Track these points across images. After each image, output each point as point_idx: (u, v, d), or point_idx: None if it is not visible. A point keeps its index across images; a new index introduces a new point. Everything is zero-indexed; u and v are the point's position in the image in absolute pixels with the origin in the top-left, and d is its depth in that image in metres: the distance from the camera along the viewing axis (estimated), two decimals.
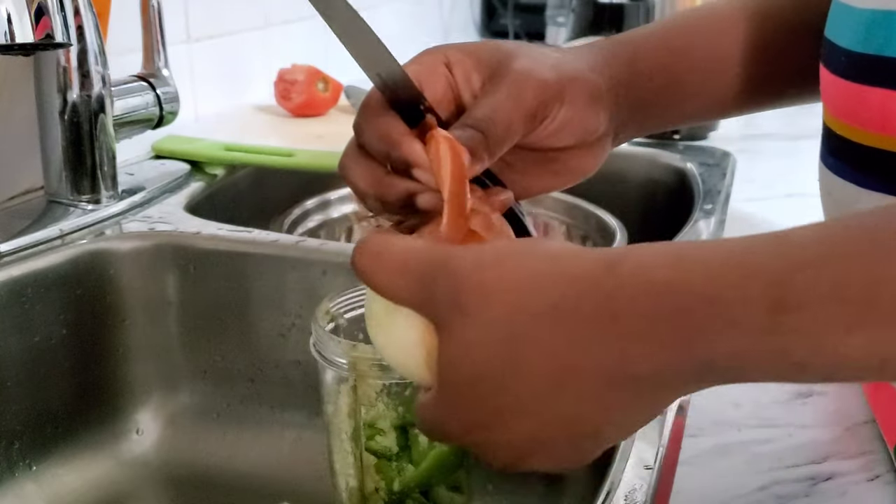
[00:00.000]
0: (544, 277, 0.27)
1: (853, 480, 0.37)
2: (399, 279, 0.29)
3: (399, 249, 0.30)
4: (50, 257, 0.55)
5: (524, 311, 0.27)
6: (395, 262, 0.29)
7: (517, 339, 0.27)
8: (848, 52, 0.34)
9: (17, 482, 0.53)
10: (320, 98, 0.86)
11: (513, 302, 0.27)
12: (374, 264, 0.29)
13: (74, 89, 0.58)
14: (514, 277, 0.27)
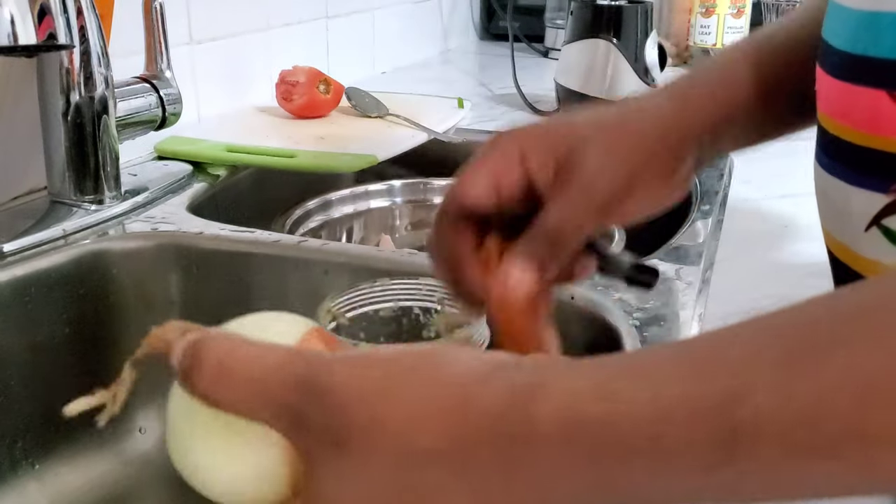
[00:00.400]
0: (435, 413, 0.23)
1: None
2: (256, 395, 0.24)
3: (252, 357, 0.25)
4: (53, 257, 0.55)
5: (411, 453, 0.23)
6: (247, 373, 0.25)
7: (406, 487, 0.23)
8: (840, 53, 0.35)
9: (20, 481, 0.53)
10: (322, 99, 0.87)
11: (398, 441, 0.23)
12: (221, 375, 0.25)
13: (77, 91, 0.58)
14: (406, 413, 0.23)
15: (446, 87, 1.14)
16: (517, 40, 1.15)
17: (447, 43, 1.45)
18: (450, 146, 0.82)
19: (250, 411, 0.25)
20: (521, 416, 0.22)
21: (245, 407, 0.25)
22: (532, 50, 1.37)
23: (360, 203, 0.78)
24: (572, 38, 0.96)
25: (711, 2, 1.24)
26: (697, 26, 1.26)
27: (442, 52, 1.42)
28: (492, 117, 0.97)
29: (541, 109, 0.99)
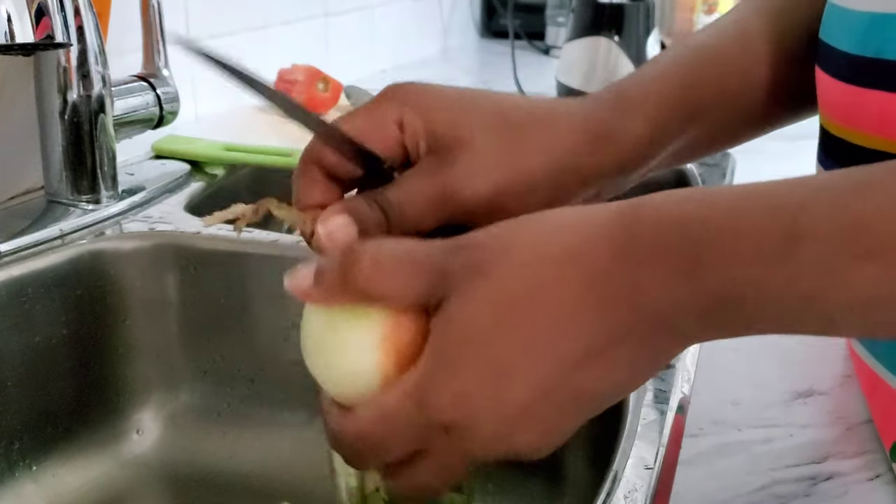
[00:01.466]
0: (560, 227, 0.28)
1: (853, 480, 0.37)
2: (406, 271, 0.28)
3: (397, 244, 0.29)
4: (50, 257, 0.55)
5: (542, 260, 0.27)
6: (399, 254, 0.28)
7: (536, 291, 0.26)
8: (846, 55, 0.34)
9: (18, 482, 0.53)
10: (320, 98, 0.86)
11: (531, 253, 0.27)
12: (376, 268, 0.28)
13: (74, 89, 0.58)
14: (531, 234, 0.28)
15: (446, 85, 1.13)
16: (518, 38, 1.14)
17: (447, 41, 1.44)
18: None
19: (402, 286, 0.28)
20: (631, 219, 0.27)
21: (398, 284, 0.28)
22: (533, 48, 1.37)
23: None
24: (573, 36, 0.96)
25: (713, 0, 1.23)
26: (699, 24, 1.25)
27: (442, 50, 1.42)
28: None
29: None
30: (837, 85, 0.35)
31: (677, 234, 0.26)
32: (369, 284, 0.28)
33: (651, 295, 0.26)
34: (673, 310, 0.26)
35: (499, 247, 0.27)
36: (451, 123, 0.34)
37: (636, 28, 0.94)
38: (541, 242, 0.27)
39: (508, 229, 0.28)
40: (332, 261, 0.29)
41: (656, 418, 0.39)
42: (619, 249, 0.26)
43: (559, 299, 0.26)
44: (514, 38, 1.10)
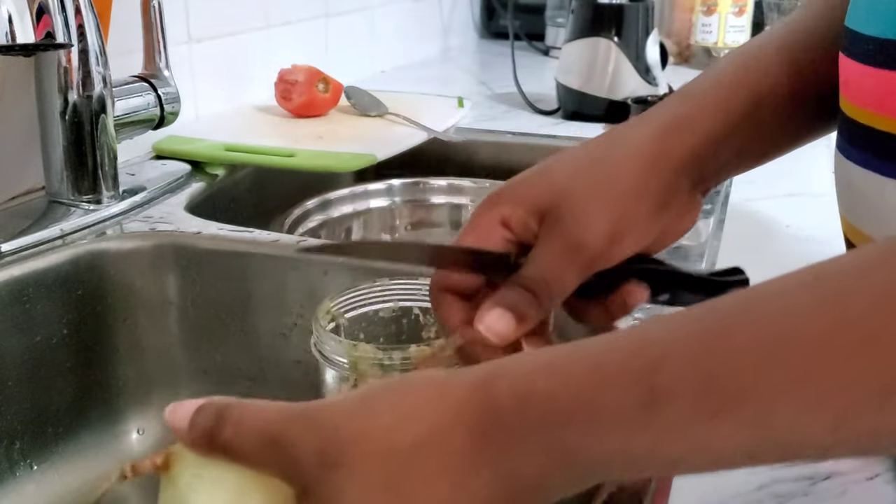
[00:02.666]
0: (413, 412, 0.26)
1: (852, 479, 0.37)
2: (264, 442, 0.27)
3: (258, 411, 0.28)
4: (51, 257, 0.55)
5: (396, 452, 0.26)
6: (259, 424, 0.28)
7: (395, 484, 0.26)
8: (877, 40, 0.34)
9: (18, 482, 0.53)
10: (321, 98, 0.86)
11: (384, 445, 0.26)
12: (239, 430, 0.28)
13: (75, 90, 0.58)
14: (384, 421, 0.26)
15: (446, 86, 1.13)
16: (518, 39, 1.15)
17: (447, 41, 1.44)
18: (450, 145, 0.82)
19: (261, 457, 0.28)
20: (484, 397, 0.26)
21: (256, 454, 0.28)
22: (533, 48, 1.37)
23: (360, 203, 0.78)
24: (573, 37, 0.96)
25: (713, 0, 1.23)
26: (699, 25, 1.26)
27: (442, 51, 1.42)
28: (492, 116, 0.97)
29: (541, 108, 0.99)
30: (868, 71, 0.35)
31: (532, 414, 0.25)
32: (230, 446, 0.28)
33: (517, 473, 0.26)
34: (541, 480, 0.26)
35: (351, 436, 0.26)
36: (547, 192, 0.37)
37: (635, 29, 0.94)
38: (394, 430, 0.26)
39: (363, 410, 0.27)
40: (206, 413, 0.29)
41: None
42: (476, 437, 0.26)
43: (417, 490, 0.26)
44: (514, 38, 1.11)
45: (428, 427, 0.26)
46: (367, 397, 0.28)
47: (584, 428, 0.25)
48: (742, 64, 0.41)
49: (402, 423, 0.26)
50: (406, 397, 0.27)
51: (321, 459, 0.26)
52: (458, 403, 0.26)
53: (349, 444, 0.26)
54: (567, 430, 0.25)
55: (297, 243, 0.58)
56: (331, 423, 0.27)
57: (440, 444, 0.26)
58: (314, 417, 0.27)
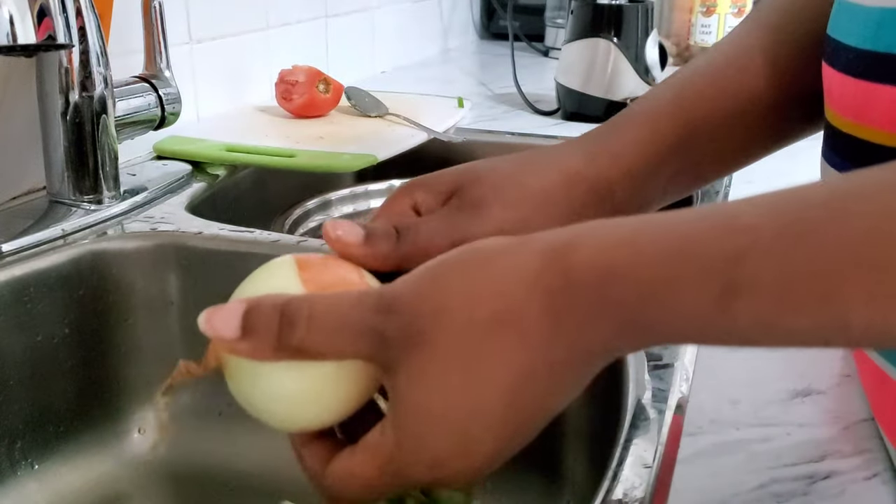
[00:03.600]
0: (488, 286, 0.27)
1: (851, 479, 0.37)
2: (344, 335, 0.28)
3: (330, 305, 0.28)
4: (52, 257, 0.55)
5: (474, 327, 0.27)
6: (334, 318, 0.28)
7: (474, 360, 0.27)
8: (856, 50, 0.34)
9: (20, 481, 0.53)
10: (321, 99, 0.86)
11: (462, 321, 0.27)
12: (311, 327, 0.28)
13: (76, 90, 0.58)
14: (460, 298, 0.27)
15: (446, 87, 1.13)
16: (517, 39, 1.15)
17: (447, 42, 1.45)
18: (450, 146, 0.82)
19: (342, 350, 0.28)
20: (561, 268, 0.26)
21: (337, 347, 0.28)
22: (532, 49, 1.37)
23: (360, 203, 0.78)
24: (573, 38, 0.96)
25: (712, 1, 1.23)
26: (698, 25, 1.26)
27: (442, 52, 1.42)
28: (492, 117, 0.97)
29: (541, 109, 0.99)
30: (848, 81, 0.35)
31: (611, 291, 0.26)
32: (304, 345, 0.28)
33: (590, 345, 0.27)
34: (612, 349, 0.27)
35: (430, 311, 0.27)
36: (458, 178, 0.38)
37: (635, 29, 0.94)
38: (471, 305, 0.27)
39: (437, 289, 0.28)
40: (265, 316, 0.29)
41: (655, 417, 0.39)
42: (552, 314, 0.26)
43: (499, 366, 0.27)
44: (514, 39, 1.11)
45: (504, 302, 0.27)
46: (438, 275, 0.28)
47: (662, 310, 0.25)
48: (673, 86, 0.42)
49: (478, 299, 0.27)
50: (479, 271, 0.27)
51: (404, 339, 0.27)
52: (533, 275, 0.27)
53: (429, 321, 0.27)
54: (644, 311, 0.25)
55: (297, 243, 0.58)
56: (408, 304, 0.27)
57: (516, 320, 0.26)
58: (390, 304, 0.28)
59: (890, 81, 0.33)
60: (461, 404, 0.27)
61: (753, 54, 0.41)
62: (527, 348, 0.26)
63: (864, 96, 0.34)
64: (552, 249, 0.27)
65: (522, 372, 0.27)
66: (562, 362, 0.27)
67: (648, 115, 0.41)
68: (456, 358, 0.27)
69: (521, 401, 0.27)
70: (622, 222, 0.27)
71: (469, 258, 0.28)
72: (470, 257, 0.28)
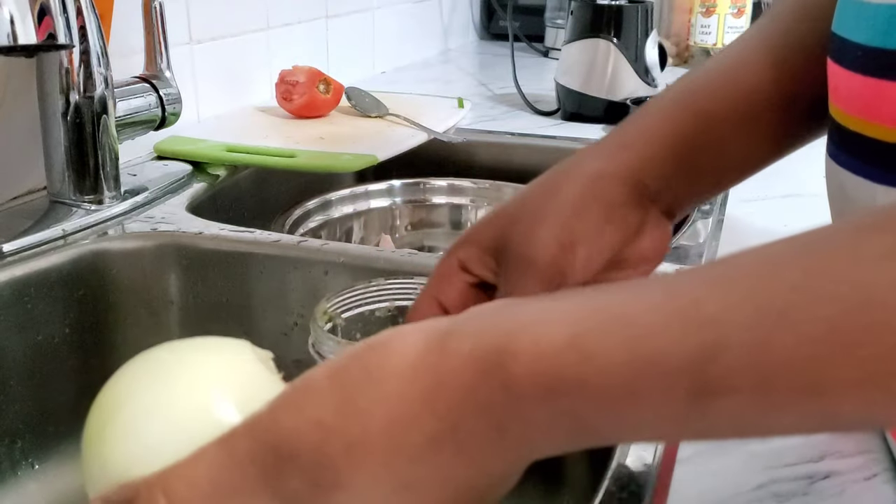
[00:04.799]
0: (411, 409, 0.23)
1: (851, 479, 0.37)
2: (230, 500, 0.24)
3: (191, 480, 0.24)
4: (53, 257, 0.55)
5: (401, 454, 0.23)
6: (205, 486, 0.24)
7: (403, 487, 0.23)
8: (864, 48, 0.34)
9: (20, 481, 0.53)
10: (321, 99, 0.86)
11: (386, 450, 0.23)
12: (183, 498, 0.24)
13: (77, 90, 0.58)
14: (379, 422, 0.23)
15: (446, 87, 1.14)
16: (517, 40, 1.15)
17: (447, 42, 1.45)
18: (450, 146, 0.82)
19: None
20: (498, 381, 0.23)
21: None
22: (532, 49, 1.37)
23: (360, 203, 0.78)
24: (572, 38, 0.96)
25: (712, 1, 1.24)
26: (698, 26, 1.26)
27: (442, 52, 1.42)
28: (492, 117, 0.97)
29: (541, 109, 0.99)
30: (855, 78, 0.35)
31: (561, 404, 0.23)
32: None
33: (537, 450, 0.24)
34: (561, 450, 0.24)
35: (341, 450, 0.23)
36: (497, 227, 0.36)
37: (635, 30, 0.94)
38: (395, 431, 0.23)
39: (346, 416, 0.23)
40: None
41: None
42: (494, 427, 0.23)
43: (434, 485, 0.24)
44: (514, 40, 1.11)
45: (434, 423, 0.23)
46: (345, 400, 0.24)
47: (622, 419, 0.23)
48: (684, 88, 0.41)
49: (403, 423, 0.23)
50: (399, 393, 0.24)
51: (312, 483, 0.23)
52: (466, 390, 0.23)
53: (344, 460, 0.23)
54: (601, 421, 0.23)
55: (297, 244, 0.58)
56: (307, 444, 0.23)
57: (450, 437, 0.23)
58: (280, 451, 0.23)
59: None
60: None
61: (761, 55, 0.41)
62: (466, 464, 0.24)
63: (872, 94, 0.34)
64: (483, 355, 0.23)
65: (462, 486, 0.24)
66: (504, 470, 0.25)
67: (658, 107, 0.40)
68: (381, 491, 0.23)
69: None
70: (559, 314, 0.24)
71: (381, 369, 0.24)
72: (382, 368, 0.24)
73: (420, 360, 0.24)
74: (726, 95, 0.40)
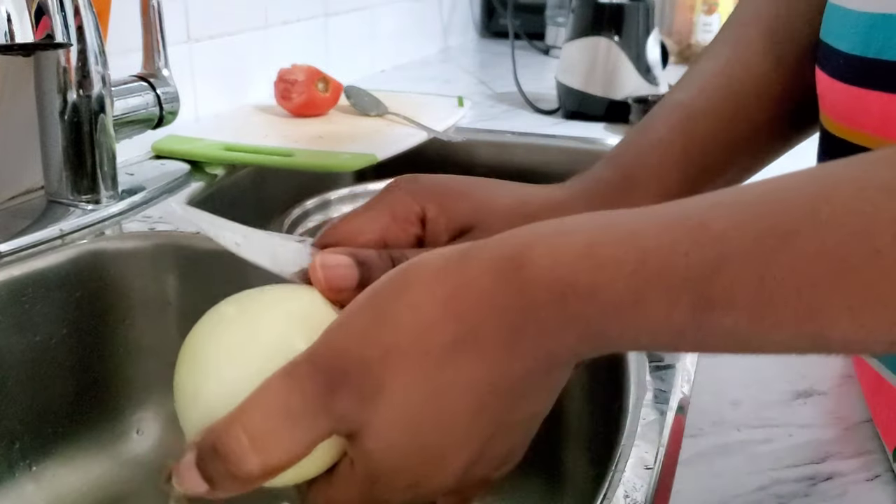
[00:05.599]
0: (437, 314, 0.25)
1: (853, 480, 0.37)
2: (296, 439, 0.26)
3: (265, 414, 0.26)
4: (50, 257, 0.55)
5: (430, 358, 0.25)
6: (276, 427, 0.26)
7: (434, 392, 0.26)
8: (846, 56, 0.34)
9: (18, 482, 0.53)
10: (320, 98, 0.86)
11: (417, 355, 0.25)
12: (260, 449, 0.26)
13: (74, 89, 0.58)
14: (409, 329, 0.25)
15: (446, 86, 1.13)
16: (518, 38, 1.14)
17: (447, 41, 1.44)
18: (450, 145, 0.82)
19: (302, 451, 0.26)
20: (515, 286, 0.25)
21: (296, 453, 0.26)
22: (533, 48, 1.37)
23: (360, 202, 0.78)
24: (573, 36, 0.96)
25: None
26: (699, 24, 1.25)
27: (442, 50, 1.42)
28: (492, 116, 0.97)
29: (542, 108, 0.99)
30: (838, 86, 0.35)
31: (572, 307, 0.24)
32: (266, 469, 0.26)
33: (551, 357, 0.26)
34: (575, 357, 0.26)
35: (379, 357, 0.25)
36: (473, 213, 0.36)
37: (636, 28, 0.94)
38: (423, 337, 0.26)
39: (382, 326, 0.26)
40: (211, 465, 0.26)
41: (656, 418, 0.39)
42: (510, 329, 0.25)
43: (461, 389, 0.26)
44: (514, 38, 1.11)
45: (457, 325, 0.25)
46: (380, 312, 0.26)
47: (627, 327, 0.24)
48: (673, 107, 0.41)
49: (430, 328, 0.25)
50: (424, 296, 0.26)
51: (359, 396, 0.25)
52: (486, 294, 0.25)
53: (380, 368, 0.25)
54: (609, 326, 0.24)
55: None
56: (355, 362, 0.26)
57: (472, 340, 0.25)
58: (331, 371, 0.26)
59: (879, 87, 0.33)
60: (431, 435, 0.26)
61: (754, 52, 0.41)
62: (486, 366, 0.25)
63: (854, 101, 0.34)
64: (502, 263, 0.25)
65: (484, 389, 0.26)
66: (524, 374, 0.26)
67: (649, 117, 0.41)
68: (417, 394, 0.26)
69: (488, 415, 0.26)
70: (575, 226, 0.26)
71: (408, 281, 0.27)
72: (409, 280, 0.27)
73: (442, 268, 0.26)
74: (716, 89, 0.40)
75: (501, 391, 0.26)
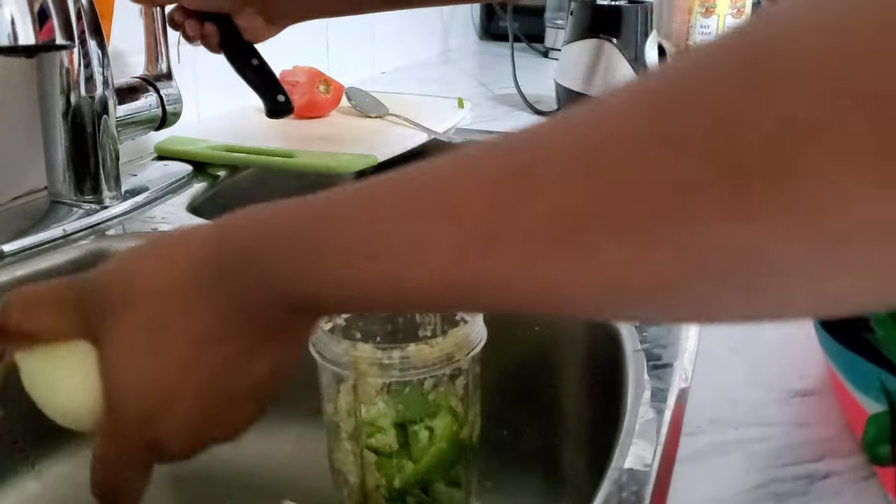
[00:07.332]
0: (166, 263, 0.31)
1: (850, 479, 0.37)
2: (57, 315, 0.31)
3: (47, 289, 0.32)
4: (53, 257, 0.55)
5: (154, 292, 0.30)
6: (50, 300, 0.32)
7: (156, 321, 0.30)
8: None
9: (20, 480, 0.53)
10: (322, 100, 0.87)
11: (145, 288, 0.30)
12: (30, 310, 0.32)
13: (77, 91, 0.58)
14: (144, 274, 0.31)
15: (446, 87, 1.14)
16: (517, 40, 1.15)
17: (447, 43, 1.45)
18: (450, 146, 0.82)
19: (55, 326, 0.31)
20: (215, 252, 0.30)
21: (48, 325, 0.31)
22: (532, 50, 1.37)
23: None
24: (572, 38, 0.96)
25: (711, 2, 1.24)
26: (697, 26, 1.26)
27: (442, 52, 1.42)
28: (492, 117, 0.97)
29: (541, 109, 0.99)
30: None
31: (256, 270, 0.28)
32: (22, 327, 0.32)
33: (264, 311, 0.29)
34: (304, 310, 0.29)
35: (121, 281, 0.31)
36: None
37: (634, 30, 0.95)
38: (151, 277, 0.31)
39: (128, 262, 0.32)
40: None
41: (654, 417, 0.39)
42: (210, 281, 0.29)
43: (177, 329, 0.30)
44: (514, 40, 1.11)
45: (177, 273, 0.30)
46: (129, 255, 0.32)
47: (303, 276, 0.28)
48: None
49: (157, 272, 0.31)
50: (161, 253, 0.31)
51: (100, 308, 0.31)
52: (197, 255, 0.30)
53: (120, 288, 0.31)
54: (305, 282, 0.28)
55: None
56: (104, 276, 0.32)
57: (185, 285, 0.30)
58: (89, 279, 0.32)
59: None
60: (148, 362, 0.30)
61: None
62: (198, 314, 0.29)
63: None
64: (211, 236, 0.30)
65: (197, 336, 0.29)
66: (238, 326, 0.29)
67: None
68: (143, 319, 0.30)
69: (205, 362, 0.30)
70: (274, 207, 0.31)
71: (153, 247, 0.32)
72: (154, 246, 0.32)
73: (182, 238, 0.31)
74: None
75: (213, 340, 0.29)
